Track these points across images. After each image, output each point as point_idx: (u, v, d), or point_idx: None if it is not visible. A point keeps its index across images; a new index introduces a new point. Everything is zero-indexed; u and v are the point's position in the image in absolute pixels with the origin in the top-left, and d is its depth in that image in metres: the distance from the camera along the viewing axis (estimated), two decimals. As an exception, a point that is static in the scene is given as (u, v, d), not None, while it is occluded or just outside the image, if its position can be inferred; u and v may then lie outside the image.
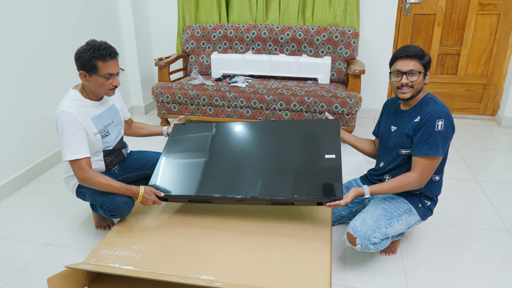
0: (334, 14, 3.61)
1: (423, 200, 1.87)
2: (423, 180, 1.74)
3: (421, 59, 1.72)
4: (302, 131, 2.11)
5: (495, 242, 2.08)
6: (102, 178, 1.86)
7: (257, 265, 1.65)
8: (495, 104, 3.82)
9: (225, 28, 3.74)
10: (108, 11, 3.58)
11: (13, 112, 2.57)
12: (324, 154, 1.91)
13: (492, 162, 3.06)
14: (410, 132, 1.77)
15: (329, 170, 1.83)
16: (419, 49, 1.72)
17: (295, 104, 3.20)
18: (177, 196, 1.90)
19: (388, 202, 1.86)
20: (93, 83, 1.84)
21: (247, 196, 1.81)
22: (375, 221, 1.76)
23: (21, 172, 2.66)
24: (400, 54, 1.74)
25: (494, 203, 2.43)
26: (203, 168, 2.01)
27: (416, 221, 1.88)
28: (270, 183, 1.87)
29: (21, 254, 2.02)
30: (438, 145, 1.68)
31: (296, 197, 1.76)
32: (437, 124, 1.67)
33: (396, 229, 1.80)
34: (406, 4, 3.61)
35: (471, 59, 3.71)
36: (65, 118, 1.79)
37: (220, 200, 1.88)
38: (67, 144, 1.81)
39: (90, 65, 1.78)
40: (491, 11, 3.52)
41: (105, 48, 1.79)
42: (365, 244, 1.73)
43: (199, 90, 3.36)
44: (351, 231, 1.77)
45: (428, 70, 1.75)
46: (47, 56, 2.81)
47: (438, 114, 1.68)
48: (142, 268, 1.63)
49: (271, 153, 2.03)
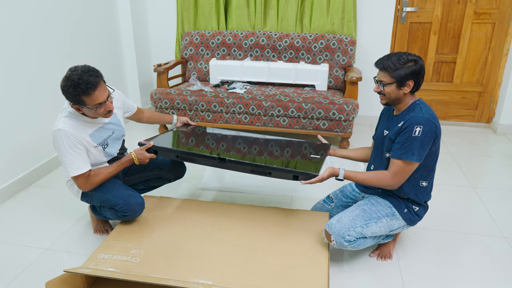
0: (331, 22, 3.65)
1: (410, 205, 1.88)
2: (396, 182, 1.77)
3: (393, 72, 1.73)
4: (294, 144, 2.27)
5: (490, 248, 2.10)
6: (102, 175, 1.93)
7: (255, 270, 1.66)
8: (490, 111, 3.87)
9: (224, 35, 3.78)
10: (108, 17, 3.61)
11: (12, 116, 2.58)
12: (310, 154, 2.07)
13: (488, 169, 3.09)
14: (393, 136, 1.80)
15: (312, 157, 2.01)
16: (394, 61, 1.72)
17: (292, 111, 3.22)
18: (166, 149, 2.01)
19: (371, 204, 1.88)
20: (87, 112, 1.84)
21: (229, 159, 1.89)
22: (351, 220, 1.80)
23: (20, 176, 2.67)
24: (376, 63, 1.80)
25: (490, 209, 2.45)
26: (196, 137, 2.27)
27: (401, 226, 1.89)
28: (253, 154, 2.07)
29: (19, 258, 2.02)
30: (413, 150, 1.70)
31: (275, 166, 1.83)
32: (414, 130, 1.69)
33: (373, 231, 1.82)
34: (403, 13, 3.66)
35: (466, 67, 3.76)
36: (62, 136, 1.80)
37: (203, 160, 1.96)
38: (69, 162, 1.83)
39: (77, 100, 1.77)
40: (486, 20, 3.57)
41: (84, 81, 1.71)
42: (339, 241, 1.77)
43: (198, 96, 3.38)
44: (327, 227, 1.81)
45: (407, 81, 1.73)
46: (46, 61, 2.83)
47: (418, 120, 1.70)
48: (140, 273, 1.64)
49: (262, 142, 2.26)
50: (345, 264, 1.97)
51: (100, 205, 2.01)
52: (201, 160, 1.96)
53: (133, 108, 2.26)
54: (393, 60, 1.73)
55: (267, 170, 1.84)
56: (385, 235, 1.94)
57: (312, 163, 1.92)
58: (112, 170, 1.95)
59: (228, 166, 1.90)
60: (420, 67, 1.74)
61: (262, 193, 2.63)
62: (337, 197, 2.14)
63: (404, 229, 1.93)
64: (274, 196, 2.60)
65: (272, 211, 2.11)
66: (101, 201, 1.97)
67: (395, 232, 1.92)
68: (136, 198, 1.96)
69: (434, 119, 1.74)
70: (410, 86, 1.75)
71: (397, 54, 1.75)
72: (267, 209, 2.13)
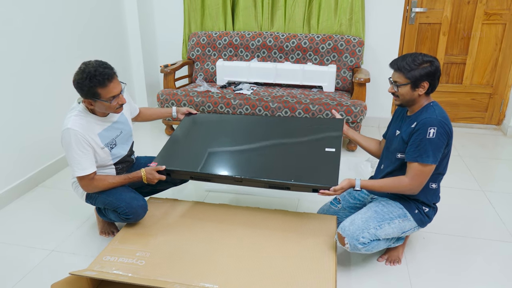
0: (339, 22, 3.62)
1: (420, 206, 1.86)
2: (416, 186, 1.74)
3: (407, 72, 1.71)
4: (306, 126, 2.23)
5: (501, 253, 2.06)
6: (106, 182, 1.91)
7: (262, 274, 1.64)
8: (500, 113, 3.81)
9: (231, 36, 3.76)
10: (115, 18, 3.61)
11: (18, 117, 2.59)
12: (325, 147, 1.98)
13: (498, 172, 3.04)
14: (406, 137, 1.79)
15: (327, 161, 1.90)
16: (409, 61, 1.71)
17: (300, 112, 3.20)
18: (179, 172, 1.94)
19: (382, 206, 1.86)
20: (99, 107, 1.85)
21: (246, 177, 1.84)
22: (364, 222, 1.77)
23: (26, 177, 2.67)
24: (390, 63, 1.79)
25: (500, 214, 2.41)
26: (207, 149, 2.10)
27: (412, 227, 1.87)
28: (269, 168, 1.94)
29: (25, 259, 2.02)
30: (428, 152, 1.68)
31: (293, 181, 1.79)
32: (428, 132, 1.68)
33: (387, 232, 1.80)
34: (412, 13, 3.62)
35: (476, 68, 3.71)
36: (71, 135, 1.80)
37: (219, 179, 1.91)
38: (76, 161, 1.82)
39: (92, 93, 1.77)
40: (496, 20, 3.52)
41: (101, 73, 1.74)
42: (353, 244, 1.74)
43: (204, 97, 3.37)
44: (340, 230, 1.78)
45: (422, 82, 1.72)
46: (55, 62, 2.83)
47: (431, 121, 1.69)
48: (146, 276, 1.63)
49: (274, 142, 2.14)
50: (352, 269, 1.94)
51: (103, 207, 2.00)
52: (216, 179, 1.91)
53: (136, 110, 2.27)
54: (408, 61, 1.71)
55: (285, 186, 1.81)
56: (396, 239, 1.91)
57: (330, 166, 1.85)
58: (117, 182, 1.94)
59: (245, 184, 1.88)
60: (435, 69, 1.71)
61: (268, 195, 2.61)
62: (345, 198, 2.12)
63: (415, 230, 1.91)
64: (281, 198, 2.58)
65: (278, 214, 2.09)
66: (104, 203, 1.96)
67: (406, 234, 1.89)
68: (139, 201, 1.94)
69: (447, 121, 1.72)
70: (425, 88, 1.73)
71: (412, 55, 1.73)
72: (273, 212, 2.11)
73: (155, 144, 3.46)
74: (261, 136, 2.19)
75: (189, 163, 2.00)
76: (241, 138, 2.23)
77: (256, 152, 2.07)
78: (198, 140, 2.20)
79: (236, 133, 2.28)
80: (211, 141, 2.18)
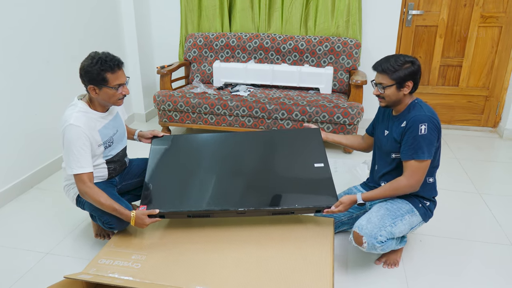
0: (336, 24, 3.63)
1: (422, 200, 1.90)
2: (415, 183, 1.77)
3: (392, 74, 1.76)
4: (286, 141, 2.18)
5: (497, 255, 2.06)
6: (99, 196, 1.80)
7: (258, 277, 1.63)
8: (496, 116, 3.82)
9: (228, 37, 3.75)
10: (111, 19, 3.59)
11: (13, 119, 2.57)
12: (313, 163, 2.01)
13: (494, 175, 3.05)
14: (398, 137, 1.83)
15: (321, 178, 1.94)
16: (392, 63, 1.76)
17: (296, 114, 3.19)
18: (175, 213, 1.82)
19: (390, 203, 1.88)
20: (103, 95, 1.83)
21: (249, 208, 1.81)
22: (380, 220, 1.78)
23: (20, 179, 2.65)
24: (374, 66, 1.83)
25: (497, 216, 2.41)
26: (197, 181, 1.96)
27: (418, 222, 1.90)
28: (268, 194, 1.90)
29: (19, 262, 1.99)
30: (423, 148, 1.72)
31: (297, 206, 1.81)
32: (420, 128, 1.72)
33: (400, 229, 1.81)
34: (408, 16, 3.63)
35: (472, 70, 3.72)
36: (73, 132, 1.78)
37: (220, 214, 1.84)
38: (75, 158, 1.79)
39: (100, 78, 1.77)
40: (492, 23, 3.53)
41: (111, 59, 1.78)
42: (372, 243, 1.74)
43: (201, 98, 3.36)
44: (357, 229, 1.78)
45: (406, 82, 1.77)
46: (49, 63, 2.81)
47: (421, 118, 1.73)
48: (142, 279, 1.61)
49: (262, 163, 2.07)
50: (350, 272, 1.94)
51: (90, 213, 2.00)
52: (218, 214, 1.84)
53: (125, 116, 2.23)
54: (392, 62, 1.76)
55: (289, 211, 1.83)
56: (400, 240, 1.93)
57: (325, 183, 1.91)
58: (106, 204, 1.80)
59: (248, 215, 1.85)
60: (417, 68, 1.78)
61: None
62: None
63: (420, 226, 1.93)
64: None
65: (275, 216, 2.08)
66: (90, 210, 1.95)
67: (413, 230, 1.92)
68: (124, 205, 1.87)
69: (435, 116, 1.78)
70: (409, 87, 1.79)
71: (394, 56, 1.79)
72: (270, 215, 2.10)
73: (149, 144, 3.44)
74: (245, 157, 2.10)
75: (182, 201, 1.87)
76: (225, 162, 2.08)
77: (248, 178, 1.99)
78: (180, 171, 2.03)
79: (216, 157, 2.12)
80: (194, 170, 2.03)
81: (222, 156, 2.12)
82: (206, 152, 2.14)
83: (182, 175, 2.00)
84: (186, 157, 2.11)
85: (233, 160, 2.10)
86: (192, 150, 2.16)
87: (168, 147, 2.15)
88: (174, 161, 2.09)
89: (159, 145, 2.17)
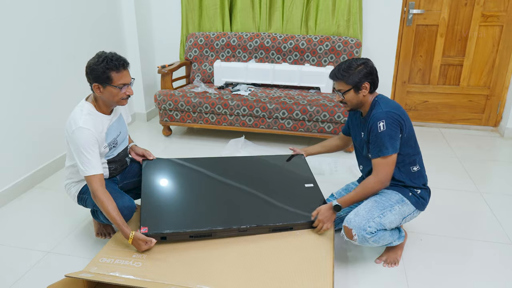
0: (337, 24, 3.63)
1: (412, 190, 1.92)
2: (384, 178, 1.82)
3: (347, 79, 1.83)
4: (275, 165, 2.35)
5: (498, 255, 2.06)
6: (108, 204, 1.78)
7: (258, 276, 1.63)
8: (497, 115, 3.82)
9: (228, 37, 3.76)
10: (112, 18, 3.60)
11: (15, 118, 2.57)
12: (304, 183, 2.18)
13: (495, 174, 3.05)
14: (366, 137, 1.90)
15: (313, 196, 2.09)
16: (345, 69, 1.83)
17: (297, 113, 3.19)
18: (177, 233, 1.80)
19: (380, 195, 1.91)
20: (107, 94, 1.84)
21: (251, 225, 1.85)
22: (368, 212, 1.81)
23: (23, 178, 2.66)
24: (330, 76, 1.91)
25: (498, 215, 2.41)
26: (194, 202, 1.99)
27: (411, 211, 1.91)
28: (266, 213, 1.97)
29: (20, 261, 2.00)
30: (386, 144, 1.78)
31: (296, 222, 1.92)
32: (378, 126, 1.78)
33: (390, 219, 1.83)
34: (409, 15, 3.62)
35: (473, 70, 3.72)
36: (85, 135, 1.80)
37: (223, 232, 1.85)
38: (87, 160, 1.80)
39: (105, 76, 1.79)
40: (493, 22, 3.53)
41: (117, 59, 1.81)
42: (362, 235, 1.77)
43: (202, 98, 3.36)
44: (346, 223, 1.82)
45: (362, 84, 1.83)
46: (51, 63, 2.82)
47: (378, 116, 1.80)
48: (142, 278, 1.62)
49: (255, 185, 2.14)
50: (350, 270, 1.94)
51: (93, 208, 2.00)
52: (220, 233, 1.84)
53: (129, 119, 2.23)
54: (345, 69, 1.84)
55: (288, 227, 1.91)
56: (398, 235, 1.93)
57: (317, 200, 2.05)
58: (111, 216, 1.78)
59: (250, 233, 1.88)
60: (370, 68, 1.85)
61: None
62: (341, 195, 2.16)
63: (415, 215, 1.94)
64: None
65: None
66: (93, 205, 1.95)
67: (407, 219, 1.92)
68: (125, 202, 1.90)
69: (395, 109, 1.82)
70: (367, 88, 1.85)
71: (346, 62, 1.87)
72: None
73: (153, 145, 3.46)
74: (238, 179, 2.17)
75: (183, 222, 1.86)
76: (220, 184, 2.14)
77: (244, 198, 2.04)
78: (176, 193, 2.04)
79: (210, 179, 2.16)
80: (190, 192, 2.05)
81: (215, 179, 2.18)
82: (199, 174, 2.20)
83: (179, 197, 2.02)
84: (180, 180, 2.15)
85: (227, 182, 2.15)
86: (185, 173, 2.20)
87: (160, 170, 2.17)
88: (169, 183, 2.11)
89: (151, 167, 2.17)
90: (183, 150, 3.39)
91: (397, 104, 1.87)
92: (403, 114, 1.83)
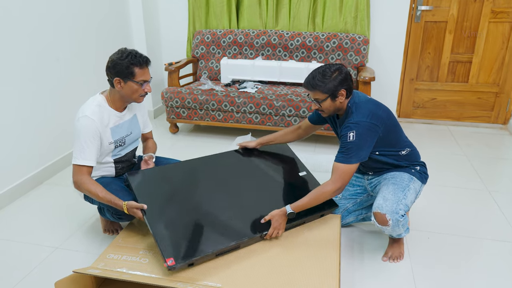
0: (344, 20, 3.61)
1: (412, 167, 1.98)
2: (340, 185, 1.80)
3: (323, 87, 1.79)
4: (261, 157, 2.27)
5: (507, 253, 2.04)
6: (95, 188, 1.79)
7: (265, 273, 1.64)
8: (507, 112, 3.78)
9: (235, 34, 3.75)
10: (119, 16, 3.61)
11: (23, 115, 2.60)
12: (297, 172, 2.20)
13: (504, 172, 3.02)
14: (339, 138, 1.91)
15: (311, 184, 2.14)
16: (320, 78, 1.79)
17: (304, 111, 3.18)
18: (205, 256, 1.66)
19: (393, 178, 1.94)
20: (127, 89, 1.86)
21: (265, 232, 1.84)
22: (393, 195, 1.83)
23: (31, 174, 2.68)
24: (304, 85, 1.87)
25: (506, 214, 2.39)
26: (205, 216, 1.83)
27: (420, 186, 1.96)
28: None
29: (29, 257, 2.02)
30: (351, 154, 1.77)
31: (308, 216, 1.94)
32: (348, 136, 1.78)
33: (410, 199, 1.87)
34: (417, 11, 3.59)
35: (482, 67, 3.68)
36: (87, 123, 1.81)
37: (248, 242, 1.79)
38: (81, 149, 1.82)
39: (128, 71, 1.82)
40: (503, 19, 3.49)
41: (140, 55, 1.86)
42: (395, 219, 1.78)
43: (208, 95, 3.37)
44: (378, 209, 1.81)
45: (339, 91, 1.80)
46: (59, 60, 2.84)
47: (349, 126, 1.79)
48: (149, 274, 1.63)
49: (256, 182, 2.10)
50: (356, 268, 1.94)
51: (99, 205, 2.01)
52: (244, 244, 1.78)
53: (148, 128, 2.22)
54: (319, 78, 1.80)
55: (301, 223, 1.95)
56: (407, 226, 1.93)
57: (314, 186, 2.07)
58: (101, 195, 1.79)
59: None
60: (345, 74, 1.81)
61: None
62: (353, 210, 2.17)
63: (421, 190, 1.99)
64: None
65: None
66: (99, 203, 1.96)
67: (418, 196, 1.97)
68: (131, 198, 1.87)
69: (367, 116, 1.79)
70: (343, 95, 1.82)
71: (319, 70, 1.82)
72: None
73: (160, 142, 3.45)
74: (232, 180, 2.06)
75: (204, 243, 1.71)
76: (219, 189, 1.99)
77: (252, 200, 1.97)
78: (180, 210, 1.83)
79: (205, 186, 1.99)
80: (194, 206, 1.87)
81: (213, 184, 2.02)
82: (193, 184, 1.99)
83: (187, 215, 1.82)
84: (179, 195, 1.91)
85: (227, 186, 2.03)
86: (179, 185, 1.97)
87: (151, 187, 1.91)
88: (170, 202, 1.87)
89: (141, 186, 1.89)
90: (189, 148, 3.39)
91: (371, 106, 1.83)
92: (376, 117, 1.79)
